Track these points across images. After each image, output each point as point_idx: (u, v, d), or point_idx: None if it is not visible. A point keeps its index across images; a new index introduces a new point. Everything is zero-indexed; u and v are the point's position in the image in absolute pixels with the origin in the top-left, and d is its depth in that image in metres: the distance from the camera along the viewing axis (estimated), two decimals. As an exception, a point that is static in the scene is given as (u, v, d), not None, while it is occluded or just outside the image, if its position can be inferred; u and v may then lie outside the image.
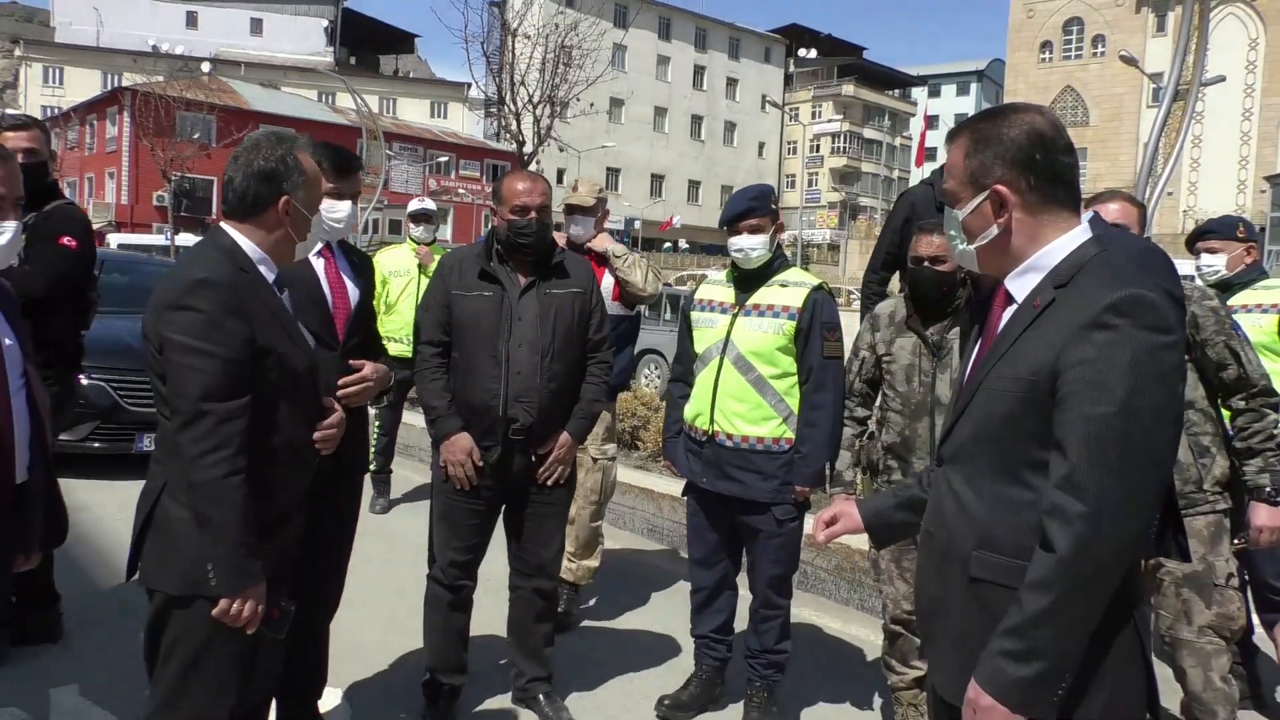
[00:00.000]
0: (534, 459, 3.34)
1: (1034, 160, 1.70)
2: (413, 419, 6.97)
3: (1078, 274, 1.66)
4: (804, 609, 4.70)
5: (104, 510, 5.53)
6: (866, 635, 4.46)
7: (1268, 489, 3.00)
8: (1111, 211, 3.15)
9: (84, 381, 6.61)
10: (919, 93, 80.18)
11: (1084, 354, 1.57)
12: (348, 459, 2.99)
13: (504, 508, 3.46)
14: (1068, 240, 1.71)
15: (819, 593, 5.03)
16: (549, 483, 3.40)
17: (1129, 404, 1.53)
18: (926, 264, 3.20)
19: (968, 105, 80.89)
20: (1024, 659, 1.56)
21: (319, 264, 3.00)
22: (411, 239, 6.37)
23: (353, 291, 3.06)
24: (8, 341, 2.27)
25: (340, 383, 2.91)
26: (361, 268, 3.15)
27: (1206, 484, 3.03)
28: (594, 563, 4.53)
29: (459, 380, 3.31)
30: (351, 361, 2.98)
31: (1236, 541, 3.07)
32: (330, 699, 3.37)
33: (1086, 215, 1.87)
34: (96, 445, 6.64)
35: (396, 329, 5.92)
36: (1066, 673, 1.57)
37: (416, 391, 3.43)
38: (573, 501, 3.82)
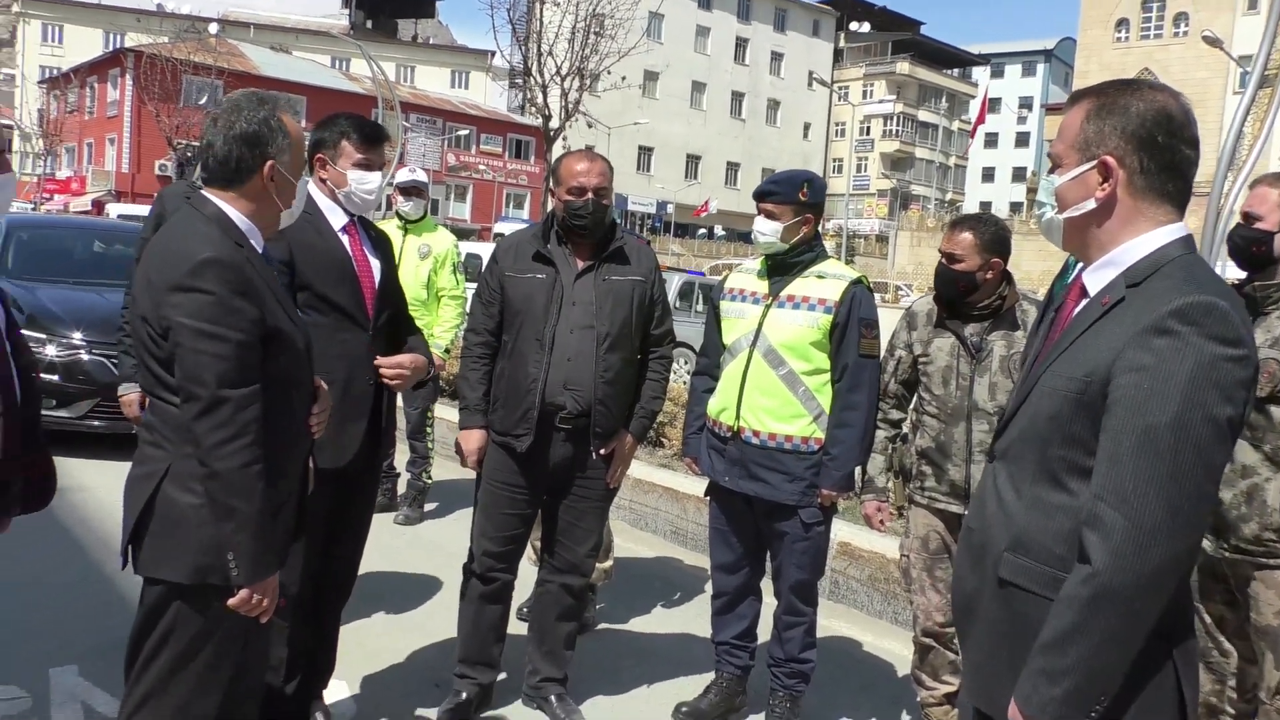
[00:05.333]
0: (595, 455, 3.48)
1: (1155, 141, 1.69)
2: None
3: (1153, 274, 1.66)
4: (835, 620, 4.80)
5: (102, 491, 5.70)
6: (898, 650, 4.54)
7: None
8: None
9: (85, 357, 6.85)
10: (980, 73, 79.63)
11: (1141, 360, 1.58)
12: (380, 445, 3.17)
13: (546, 499, 3.60)
14: (1155, 237, 1.70)
15: (851, 604, 5.13)
16: (612, 485, 3.58)
17: (1183, 417, 1.54)
18: (943, 260, 3.34)
19: (1034, 87, 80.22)
20: (1055, 678, 1.60)
21: (345, 240, 3.13)
22: (399, 215, 5.94)
23: (376, 267, 3.19)
24: None
25: (381, 363, 3.12)
26: (380, 243, 3.29)
27: None
28: (608, 563, 4.66)
29: (506, 364, 3.46)
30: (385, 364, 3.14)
31: None
32: (336, 690, 3.52)
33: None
34: (96, 424, 6.83)
35: None
36: (1102, 694, 1.60)
37: (463, 365, 3.61)
38: None
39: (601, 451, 3.50)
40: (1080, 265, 2.82)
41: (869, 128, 71.20)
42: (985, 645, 1.82)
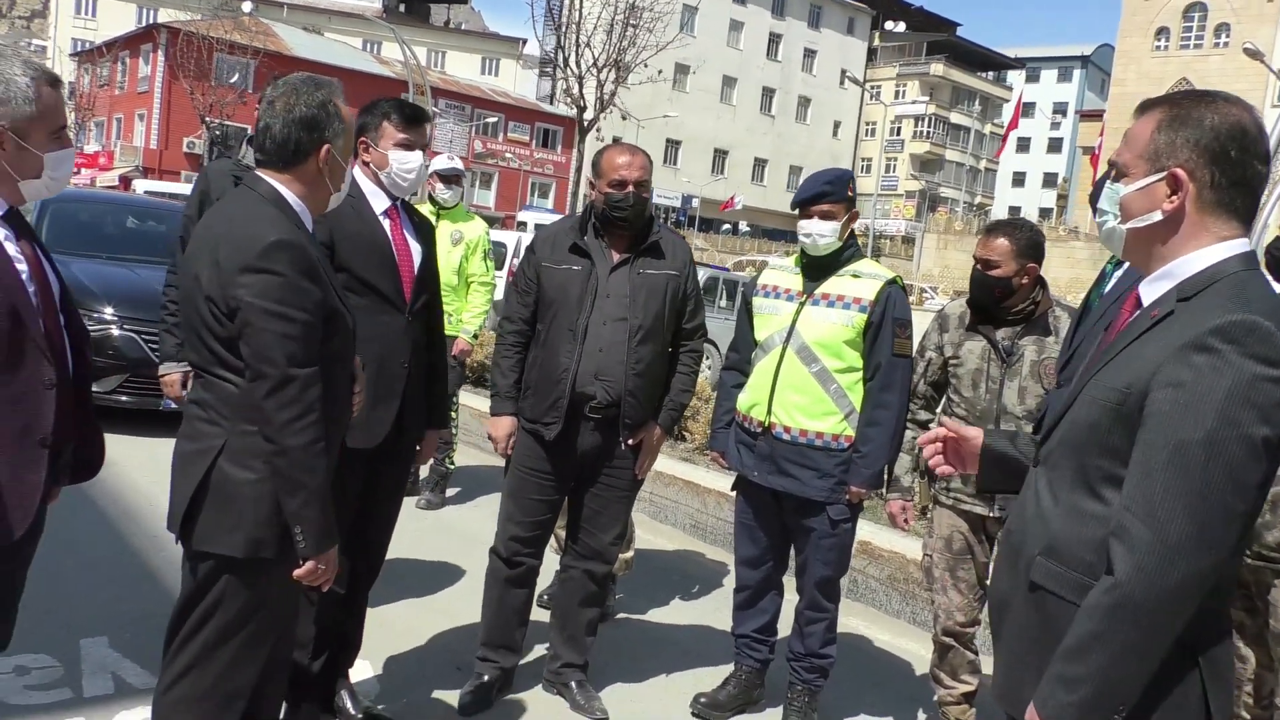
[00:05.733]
0: (623, 445, 3.54)
1: (1228, 156, 1.68)
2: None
3: (1204, 290, 1.66)
4: (853, 619, 4.84)
5: (130, 466, 5.81)
6: (917, 650, 4.59)
7: None
8: None
9: (115, 332, 6.95)
10: (1015, 77, 79.07)
11: (1179, 376, 1.59)
12: (410, 427, 3.23)
13: (573, 487, 3.67)
14: (1214, 252, 1.69)
15: (869, 603, 5.17)
16: (639, 476, 3.65)
17: (1216, 434, 1.55)
18: (978, 265, 3.36)
19: (1069, 93, 79.72)
20: (1072, 685, 1.63)
21: (386, 224, 3.18)
22: (433, 201, 5.98)
23: (416, 252, 3.24)
24: (50, 276, 2.37)
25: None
26: (422, 228, 3.34)
27: None
28: (629, 554, 4.72)
29: (539, 352, 3.53)
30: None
31: None
32: (361, 670, 3.58)
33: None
34: (124, 399, 6.91)
35: None
36: (1119, 704, 1.61)
37: (496, 352, 3.67)
38: None
39: (630, 442, 3.56)
40: (1117, 273, 2.87)
41: (900, 128, 70.89)
42: (1015, 647, 1.85)
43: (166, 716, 2.39)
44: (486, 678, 3.61)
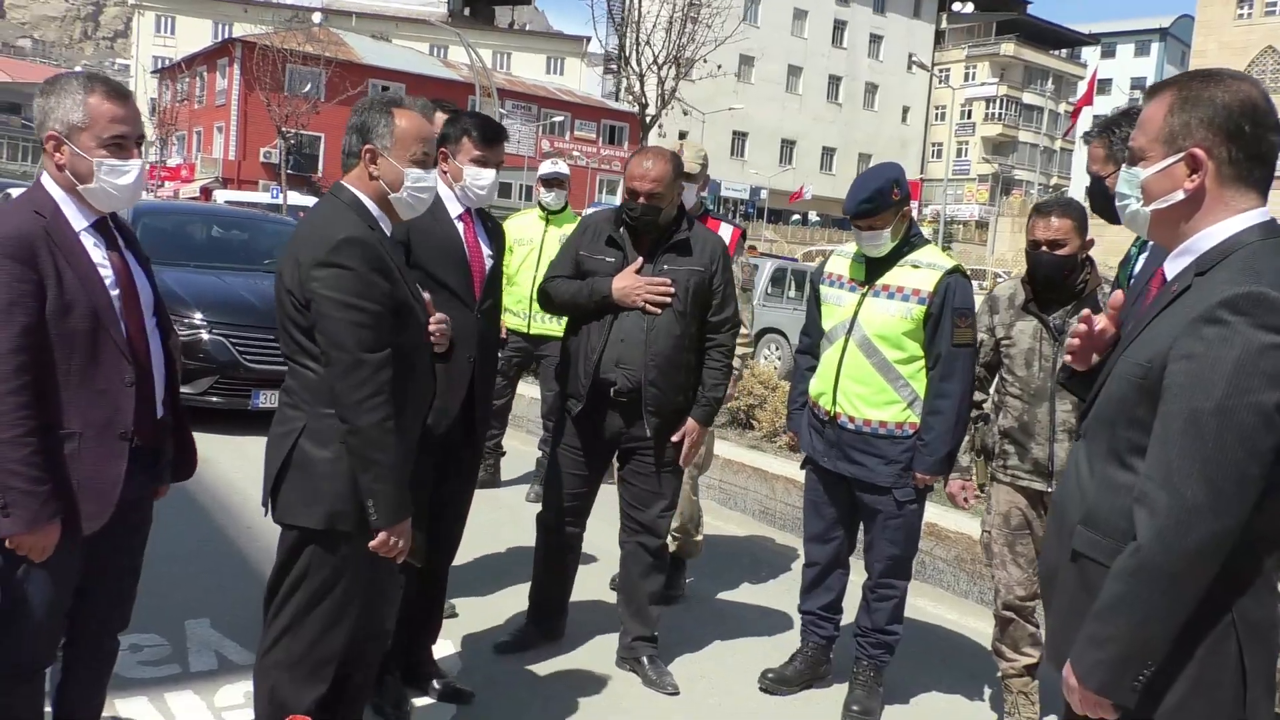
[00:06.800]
0: (648, 432, 3.71)
1: (1241, 131, 1.74)
2: (524, 390, 7.42)
3: (1220, 263, 1.73)
4: (920, 599, 4.91)
5: (222, 462, 6.12)
6: (983, 628, 4.63)
7: None
8: None
9: (205, 336, 7.30)
10: (1090, 53, 77.10)
11: (1191, 348, 1.67)
12: (481, 420, 3.43)
13: (618, 466, 3.90)
14: (1231, 225, 1.76)
15: (937, 584, 5.24)
16: (683, 465, 3.85)
17: (1227, 403, 1.62)
18: (1044, 248, 3.38)
19: (1147, 68, 77.41)
20: (1102, 644, 1.74)
21: (459, 227, 3.39)
22: (540, 205, 6.24)
23: (487, 255, 3.44)
24: (142, 284, 2.58)
25: None
26: (494, 233, 3.54)
27: None
28: (698, 538, 4.85)
29: (578, 330, 3.76)
30: None
31: None
32: (443, 647, 3.78)
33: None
34: (215, 400, 7.25)
35: (513, 301, 6.01)
36: (1148, 661, 1.71)
37: (558, 295, 3.80)
38: None
39: (672, 439, 3.76)
40: (1143, 255, 2.93)
41: (970, 111, 69.65)
42: (1063, 613, 1.95)
43: (265, 678, 2.64)
44: (528, 631, 3.94)
